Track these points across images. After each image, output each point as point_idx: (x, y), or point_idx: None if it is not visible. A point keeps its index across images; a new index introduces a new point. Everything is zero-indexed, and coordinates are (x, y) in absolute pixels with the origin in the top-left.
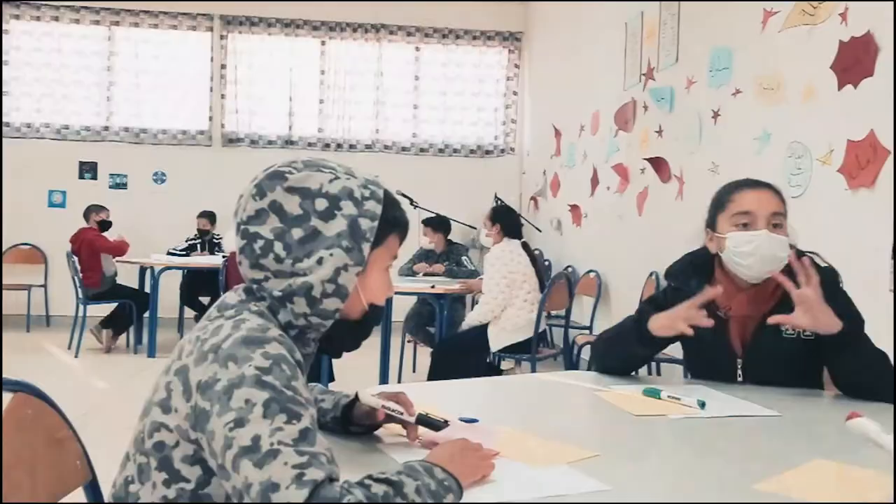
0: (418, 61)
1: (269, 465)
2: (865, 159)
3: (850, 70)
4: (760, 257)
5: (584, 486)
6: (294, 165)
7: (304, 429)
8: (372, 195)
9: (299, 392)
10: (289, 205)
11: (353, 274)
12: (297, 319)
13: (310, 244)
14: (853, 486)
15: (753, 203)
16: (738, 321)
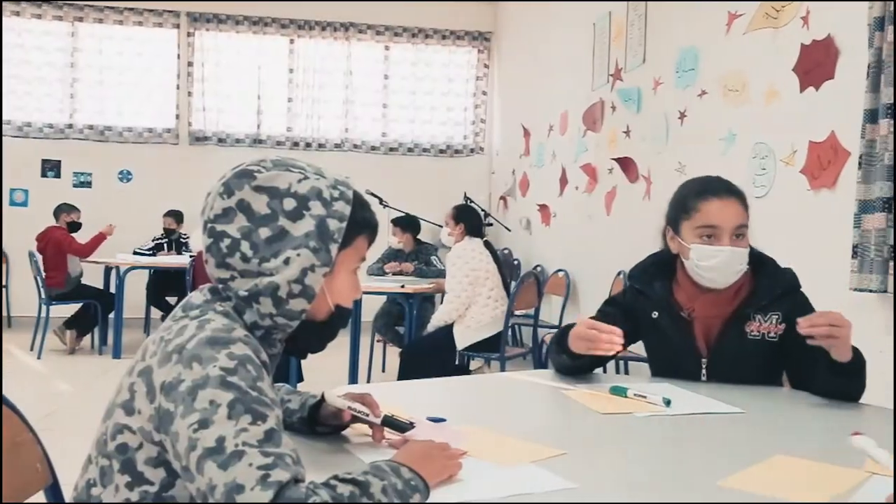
0: (388, 60)
1: (234, 466)
2: (827, 160)
3: (812, 73)
4: (723, 272)
5: (550, 484)
6: (263, 164)
7: (270, 430)
8: (341, 196)
9: (265, 393)
10: (256, 204)
11: (320, 275)
12: (262, 320)
13: (277, 244)
14: (816, 481)
15: (719, 217)
16: (701, 322)
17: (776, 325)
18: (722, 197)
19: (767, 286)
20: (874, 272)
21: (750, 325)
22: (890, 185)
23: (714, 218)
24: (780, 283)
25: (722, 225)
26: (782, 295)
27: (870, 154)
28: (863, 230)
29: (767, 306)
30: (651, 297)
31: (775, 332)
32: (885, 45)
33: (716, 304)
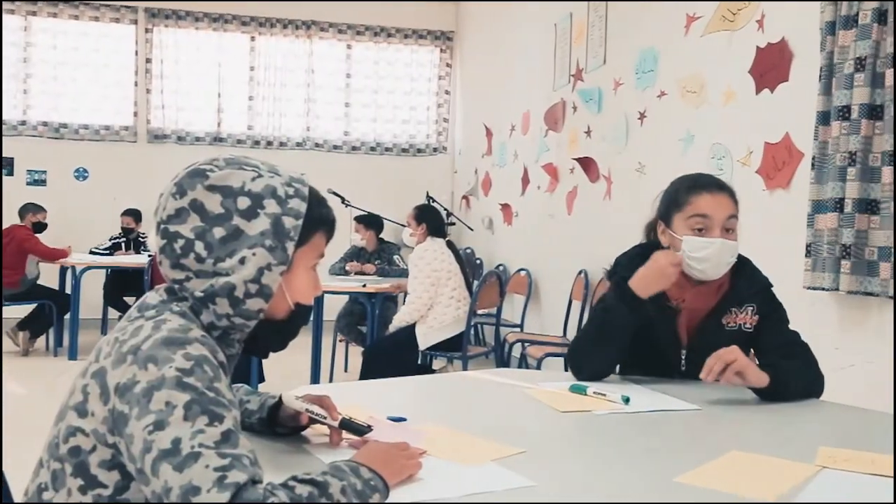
0: (350, 59)
1: (190, 468)
2: (782, 161)
3: (767, 75)
4: (714, 263)
5: (509, 482)
6: (216, 163)
7: (227, 431)
8: (296, 193)
9: (222, 393)
10: (210, 203)
11: (277, 273)
12: (219, 320)
13: (232, 243)
14: (769, 476)
15: (711, 207)
16: (686, 313)
17: (751, 316)
18: (713, 191)
19: (745, 284)
20: (826, 271)
21: (727, 317)
22: (842, 185)
23: (705, 208)
24: (758, 280)
25: (713, 216)
26: (757, 291)
27: (822, 155)
28: (816, 230)
29: (744, 300)
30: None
31: (751, 324)
32: (836, 48)
33: (702, 297)
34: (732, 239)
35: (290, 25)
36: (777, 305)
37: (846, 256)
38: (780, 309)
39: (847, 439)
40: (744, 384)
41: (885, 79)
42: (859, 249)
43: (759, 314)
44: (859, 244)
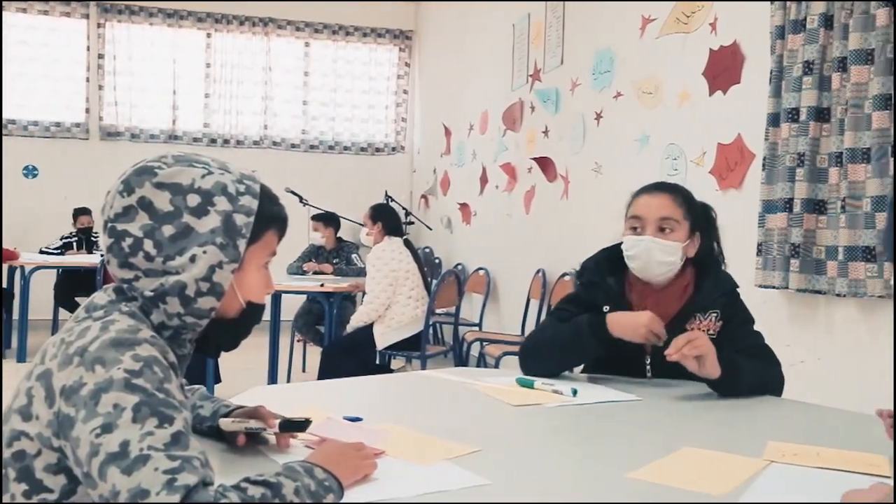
0: (308, 57)
1: (139, 471)
2: (734, 162)
3: (720, 77)
4: (645, 261)
5: (463, 481)
6: (164, 160)
7: (177, 432)
8: (247, 190)
9: (172, 395)
10: (158, 201)
11: (228, 271)
12: (170, 320)
13: (182, 241)
14: (720, 471)
15: (643, 208)
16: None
17: (715, 322)
18: (651, 192)
19: (710, 288)
20: (777, 269)
21: (692, 323)
22: (791, 185)
23: (639, 209)
24: (723, 285)
25: (645, 216)
26: (722, 296)
27: (772, 156)
28: (766, 229)
29: (708, 306)
30: (603, 290)
31: (714, 330)
32: (785, 52)
33: (663, 302)
34: (670, 239)
35: (246, 22)
36: (741, 309)
37: (795, 255)
38: (743, 312)
39: (795, 434)
40: (699, 371)
41: (831, 82)
42: (807, 248)
43: (723, 319)
44: (807, 243)
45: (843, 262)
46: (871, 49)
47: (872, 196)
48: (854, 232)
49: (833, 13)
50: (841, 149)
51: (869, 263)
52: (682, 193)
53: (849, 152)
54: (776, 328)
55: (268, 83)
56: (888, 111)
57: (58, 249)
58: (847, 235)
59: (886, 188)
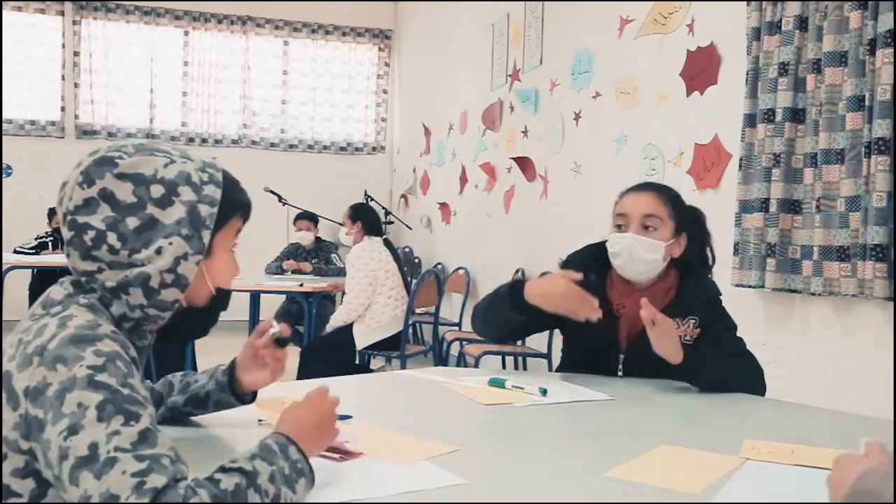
0: (287, 56)
1: (108, 474)
2: (711, 162)
3: (697, 78)
4: (627, 258)
5: (441, 481)
6: (124, 150)
7: (144, 430)
8: (211, 179)
9: (137, 390)
10: (121, 192)
11: (193, 263)
12: (132, 311)
13: (147, 233)
14: (696, 469)
15: (628, 206)
16: (628, 319)
17: (692, 328)
18: (637, 191)
19: (692, 292)
20: (753, 269)
21: None
22: (767, 185)
23: (624, 207)
24: (705, 290)
25: (629, 213)
26: (703, 303)
27: (749, 156)
28: (743, 229)
29: (689, 311)
30: (585, 286)
31: (690, 336)
32: (761, 53)
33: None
34: (654, 237)
35: (224, 21)
36: (722, 315)
37: (771, 255)
38: (724, 319)
39: (770, 432)
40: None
41: (806, 83)
42: (783, 248)
43: (702, 325)
44: (783, 243)
45: (818, 262)
46: (845, 51)
47: (846, 196)
48: (828, 232)
49: (808, 15)
50: (816, 149)
51: (843, 263)
52: (668, 193)
53: (823, 153)
54: (752, 327)
55: (246, 82)
56: (861, 112)
57: (33, 249)
58: (822, 235)
59: (859, 189)
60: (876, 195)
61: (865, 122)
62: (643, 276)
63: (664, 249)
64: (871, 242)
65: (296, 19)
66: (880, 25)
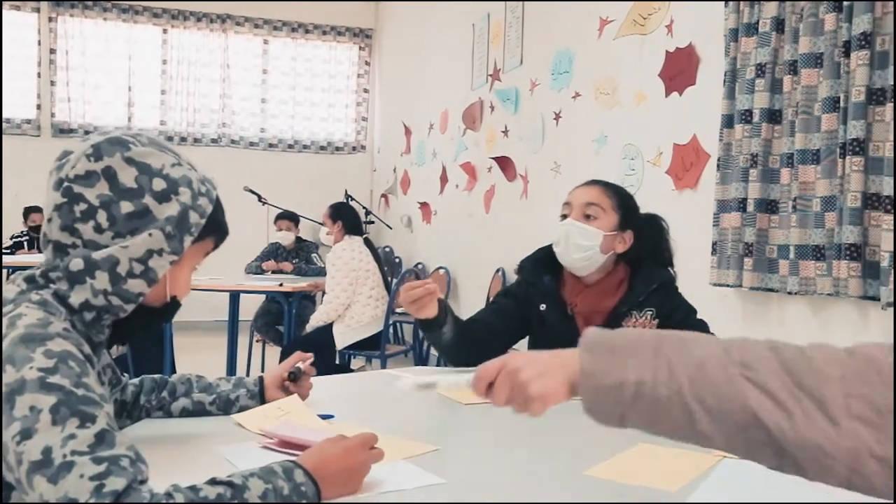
0: (267, 54)
1: (64, 479)
2: (689, 162)
3: (676, 78)
4: (564, 245)
5: (420, 480)
6: (139, 139)
7: (101, 431)
8: (207, 193)
9: (92, 389)
10: (124, 175)
11: (166, 261)
12: (95, 297)
13: (137, 221)
14: (675, 466)
15: (573, 196)
16: (584, 316)
17: (650, 320)
18: (585, 184)
19: (642, 283)
20: (731, 268)
21: (627, 321)
22: (744, 185)
23: (569, 197)
24: (655, 279)
25: (572, 202)
26: (656, 290)
27: (727, 157)
28: (721, 228)
29: (643, 302)
30: (540, 289)
31: (649, 328)
32: (738, 54)
33: (595, 299)
34: (592, 225)
35: (204, 19)
36: (679, 303)
37: (748, 254)
38: (682, 306)
39: None
40: None
41: (783, 84)
42: (760, 248)
43: (660, 315)
44: (760, 242)
45: (794, 261)
46: (820, 53)
47: (821, 196)
48: (804, 231)
49: (784, 17)
50: (792, 150)
51: (818, 262)
52: (615, 188)
53: (799, 154)
54: (730, 326)
55: (226, 81)
56: (836, 113)
57: (8, 249)
58: (798, 235)
59: (834, 189)
60: (850, 195)
61: (840, 122)
62: (580, 263)
63: (601, 238)
64: (846, 242)
65: (276, 18)
66: (854, 28)
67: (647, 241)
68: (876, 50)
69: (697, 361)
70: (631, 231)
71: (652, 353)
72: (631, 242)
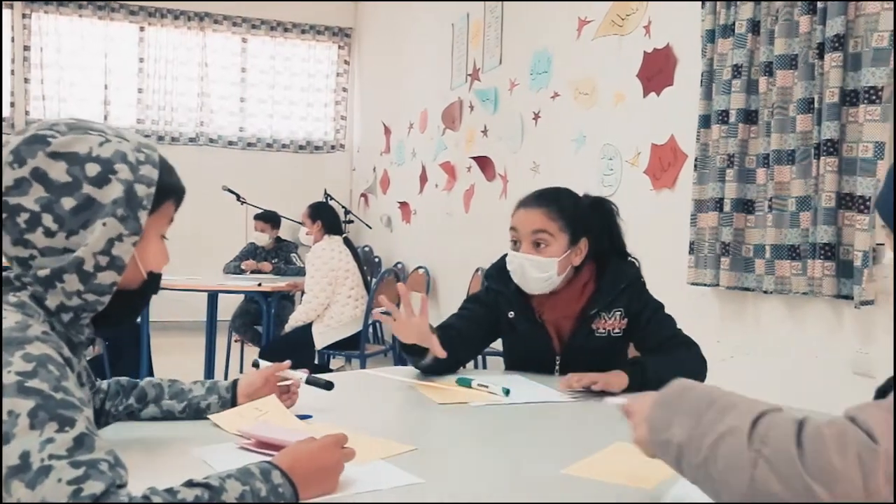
0: (245, 53)
1: (42, 483)
2: (667, 162)
3: (654, 79)
4: (521, 277)
5: (397, 480)
6: (57, 129)
7: (80, 435)
8: (147, 159)
9: (71, 393)
10: (54, 172)
11: (129, 244)
12: (70, 299)
13: (84, 213)
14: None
15: (518, 222)
16: (553, 323)
17: (619, 320)
18: (527, 206)
19: (609, 283)
20: (708, 267)
21: (597, 322)
22: (721, 185)
23: (515, 223)
24: (622, 278)
25: (519, 229)
26: (624, 289)
27: (704, 157)
28: (698, 228)
29: (611, 303)
30: (507, 296)
31: (619, 328)
32: (715, 56)
33: (562, 305)
34: (545, 254)
35: (181, 16)
36: (647, 300)
37: (725, 254)
38: (650, 304)
39: None
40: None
41: (759, 86)
42: (737, 247)
43: (629, 314)
44: (737, 242)
45: (770, 261)
46: (795, 54)
47: (796, 196)
48: (780, 231)
49: (760, 19)
50: (768, 150)
51: (794, 262)
52: (559, 205)
53: (775, 154)
54: (707, 325)
55: (204, 79)
56: (810, 114)
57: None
58: (773, 234)
59: (809, 189)
60: (825, 195)
61: (815, 123)
62: (540, 288)
63: (556, 265)
64: (821, 241)
65: (254, 16)
66: (828, 30)
67: (605, 234)
68: (849, 52)
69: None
70: (585, 238)
71: (696, 418)
72: (587, 248)
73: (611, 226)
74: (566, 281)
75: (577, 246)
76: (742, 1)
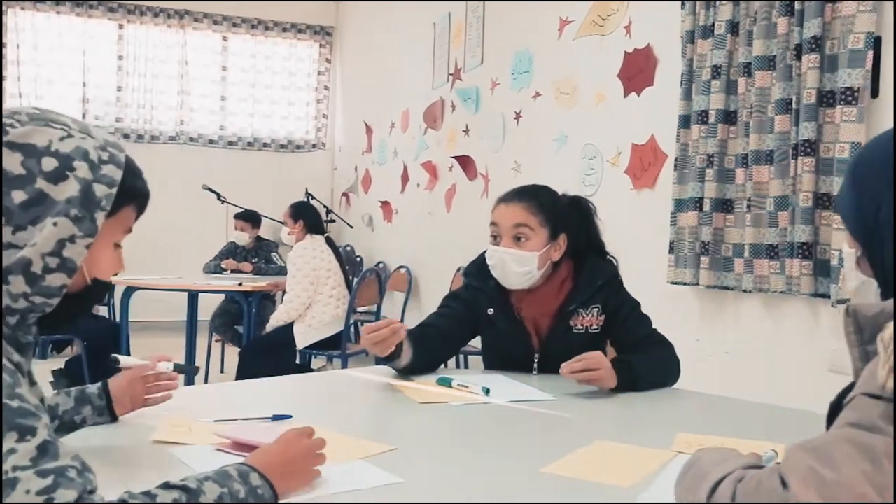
0: (226, 51)
1: (9, 497)
2: (647, 162)
3: (634, 79)
4: (501, 271)
5: (376, 480)
6: (17, 118)
7: (42, 443)
8: (111, 159)
9: (26, 400)
10: (8, 163)
11: (82, 246)
12: (16, 301)
13: (35, 209)
14: (630, 463)
15: (499, 216)
16: (531, 320)
17: (597, 317)
18: (507, 200)
19: (587, 280)
20: (688, 266)
21: (574, 319)
22: (701, 185)
23: (495, 216)
24: (599, 275)
25: (499, 223)
26: (602, 286)
27: (683, 157)
28: (678, 227)
29: (589, 300)
30: (486, 293)
31: (597, 325)
32: (695, 56)
33: (540, 302)
34: (526, 248)
35: (161, 14)
36: (624, 298)
37: (705, 253)
38: (628, 302)
39: (703, 425)
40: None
41: (738, 86)
42: (716, 246)
43: (606, 311)
44: (716, 241)
45: (749, 260)
46: (773, 55)
47: (775, 196)
48: (758, 231)
49: (739, 20)
50: (747, 150)
51: (772, 261)
52: (539, 200)
53: (753, 154)
54: (687, 323)
55: (184, 77)
56: (788, 115)
57: None
58: (752, 234)
59: (787, 189)
60: (802, 195)
61: (792, 124)
62: (522, 284)
63: (537, 259)
64: (798, 241)
65: (235, 14)
66: (806, 31)
67: (583, 232)
68: (826, 53)
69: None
70: (564, 234)
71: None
72: (565, 245)
73: (588, 224)
74: (545, 277)
75: (557, 241)
76: (721, 2)
